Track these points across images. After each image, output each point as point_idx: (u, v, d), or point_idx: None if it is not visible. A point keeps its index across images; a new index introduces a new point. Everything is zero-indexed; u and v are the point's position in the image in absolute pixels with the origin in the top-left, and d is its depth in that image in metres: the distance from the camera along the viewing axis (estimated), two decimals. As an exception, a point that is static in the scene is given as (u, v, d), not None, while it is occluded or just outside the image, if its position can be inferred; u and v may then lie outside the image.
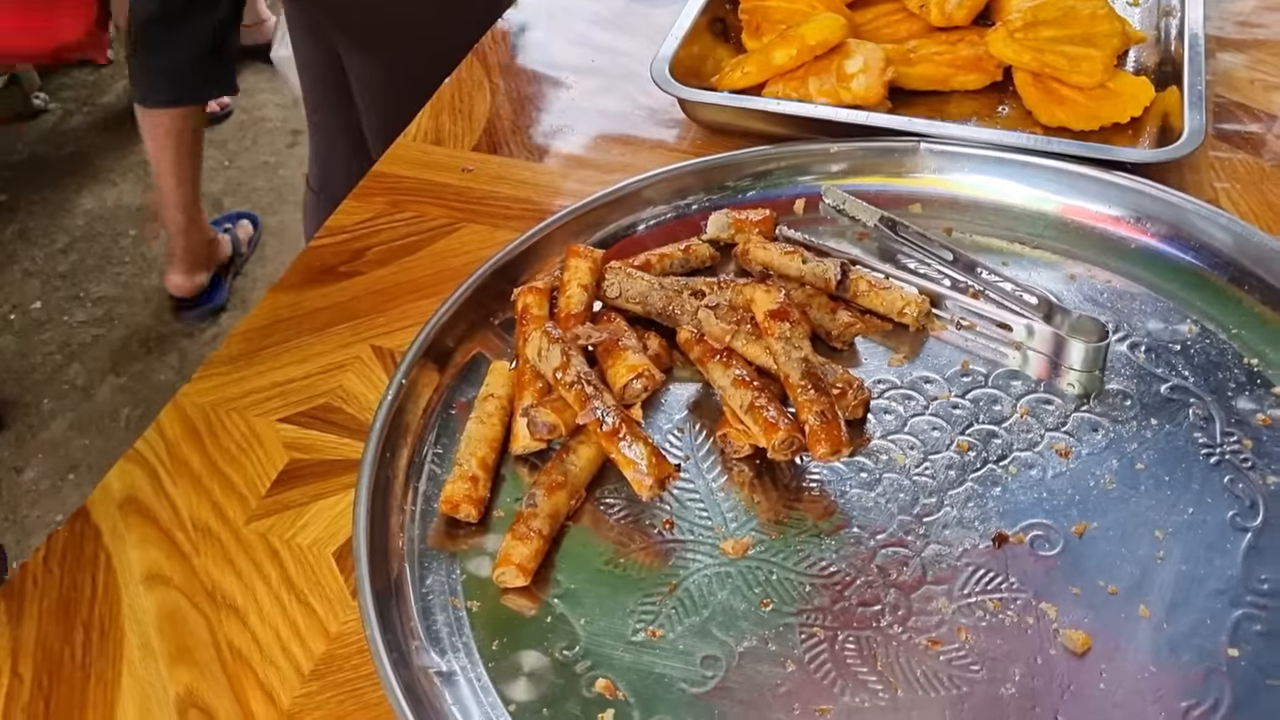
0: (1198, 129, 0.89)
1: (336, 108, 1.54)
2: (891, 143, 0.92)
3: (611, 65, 1.12)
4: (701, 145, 1.00)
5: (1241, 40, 1.09)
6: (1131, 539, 0.68)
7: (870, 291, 0.81)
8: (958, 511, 0.70)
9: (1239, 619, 0.63)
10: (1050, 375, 0.78)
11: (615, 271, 0.81)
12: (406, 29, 1.40)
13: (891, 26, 1.07)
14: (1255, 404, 0.74)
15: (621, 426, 0.69)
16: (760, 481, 0.73)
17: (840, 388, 0.74)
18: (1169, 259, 0.84)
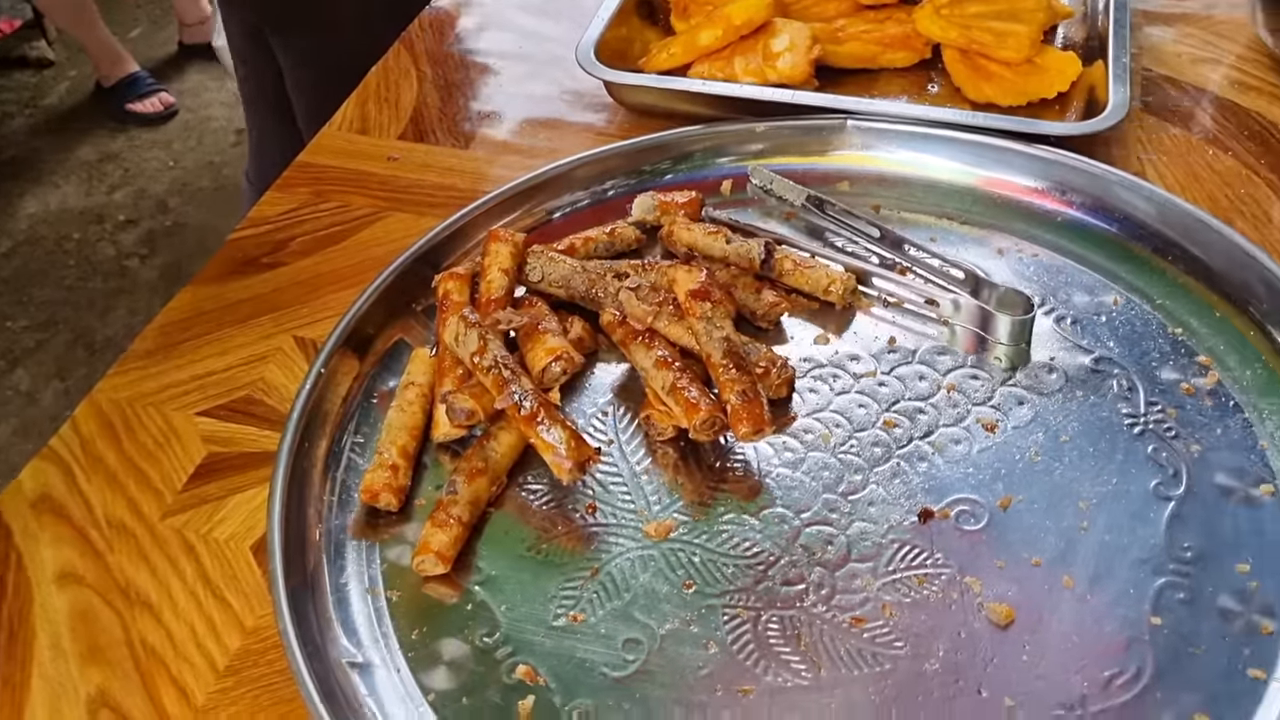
0: (1122, 102, 0.88)
1: (270, 100, 1.52)
2: (818, 120, 0.91)
3: (539, 50, 1.11)
4: (629, 128, 0.99)
5: (1169, 14, 1.09)
6: (1056, 511, 0.67)
7: (795, 270, 0.80)
8: (883, 489, 0.70)
9: (1161, 587, 0.63)
10: (977, 350, 0.77)
11: (537, 255, 0.80)
12: (333, 19, 1.38)
13: (820, 5, 1.07)
14: (1179, 373, 0.74)
15: (539, 410, 0.68)
16: (685, 463, 0.72)
17: (764, 366, 0.74)
18: (1094, 231, 0.83)
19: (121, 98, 3.11)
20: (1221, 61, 1.03)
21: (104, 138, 3.08)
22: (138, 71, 3.15)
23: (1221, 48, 1.04)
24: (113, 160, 3.01)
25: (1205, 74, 1.02)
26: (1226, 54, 1.03)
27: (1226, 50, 1.04)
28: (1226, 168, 0.91)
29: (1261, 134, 0.94)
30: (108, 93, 3.14)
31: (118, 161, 3.01)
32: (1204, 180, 0.90)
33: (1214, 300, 0.77)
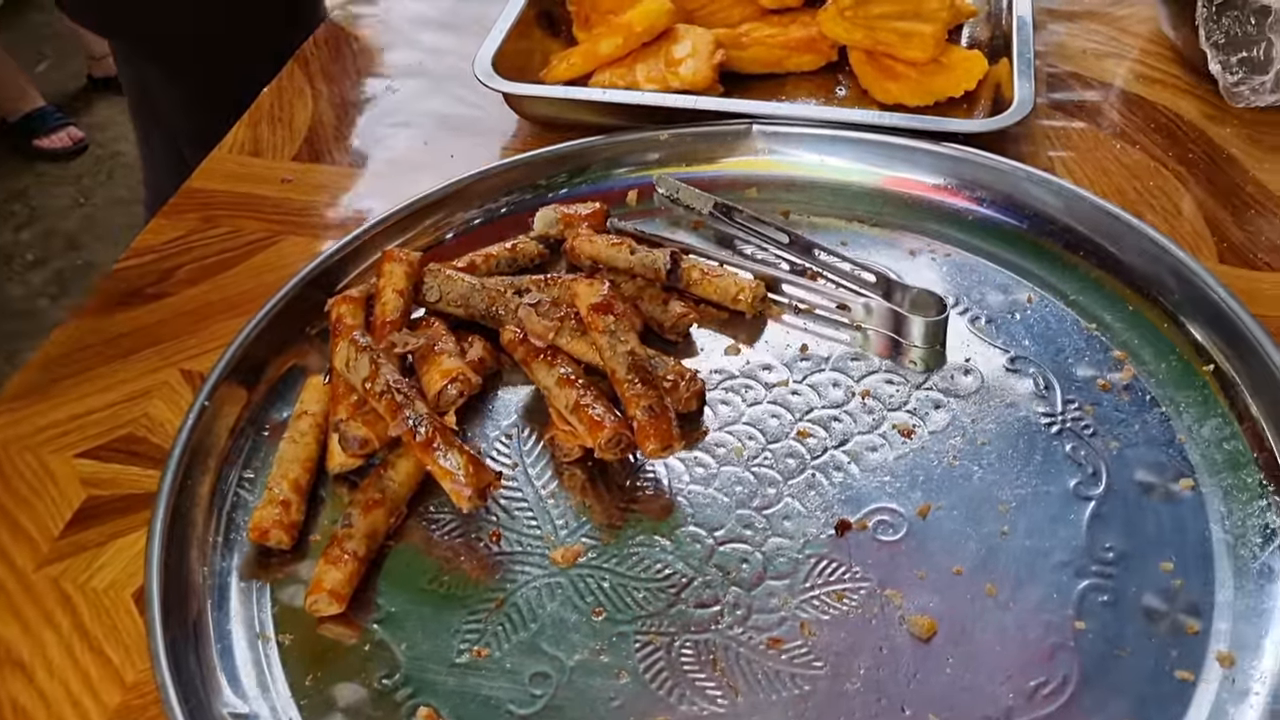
0: (1026, 98, 0.87)
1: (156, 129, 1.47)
2: (723, 126, 0.89)
3: (439, 65, 1.08)
4: (533, 141, 0.96)
5: (1072, 10, 1.09)
6: (976, 517, 0.65)
7: (703, 280, 0.78)
8: (799, 502, 0.67)
9: (1084, 590, 0.61)
10: (891, 353, 0.75)
11: (434, 274, 0.77)
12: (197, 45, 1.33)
13: (724, 11, 1.05)
14: (1095, 369, 0.72)
15: (435, 436, 0.64)
16: (593, 484, 0.69)
17: (672, 380, 0.71)
18: (1005, 228, 0.82)
19: (28, 133, 3.02)
20: (1126, 56, 1.02)
21: (9, 175, 2.98)
22: (45, 106, 3.06)
23: (1125, 42, 1.04)
24: (19, 198, 2.92)
25: (1110, 69, 1.01)
26: (1130, 48, 1.03)
27: (1130, 45, 1.03)
28: (1134, 161, 0.90)
29: (1168, 126, 0.93)
30: (13, 128, 3.04)
31: (25, 199, 2.91)
32: (1112, 174, 0.89)
33: (1127, 294, 0.76)
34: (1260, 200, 0.86)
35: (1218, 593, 0.60)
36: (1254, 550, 0.62)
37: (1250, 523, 0.63)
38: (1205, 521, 0.64)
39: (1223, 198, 0.86)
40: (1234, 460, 0.66)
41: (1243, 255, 0.82)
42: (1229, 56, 0.84)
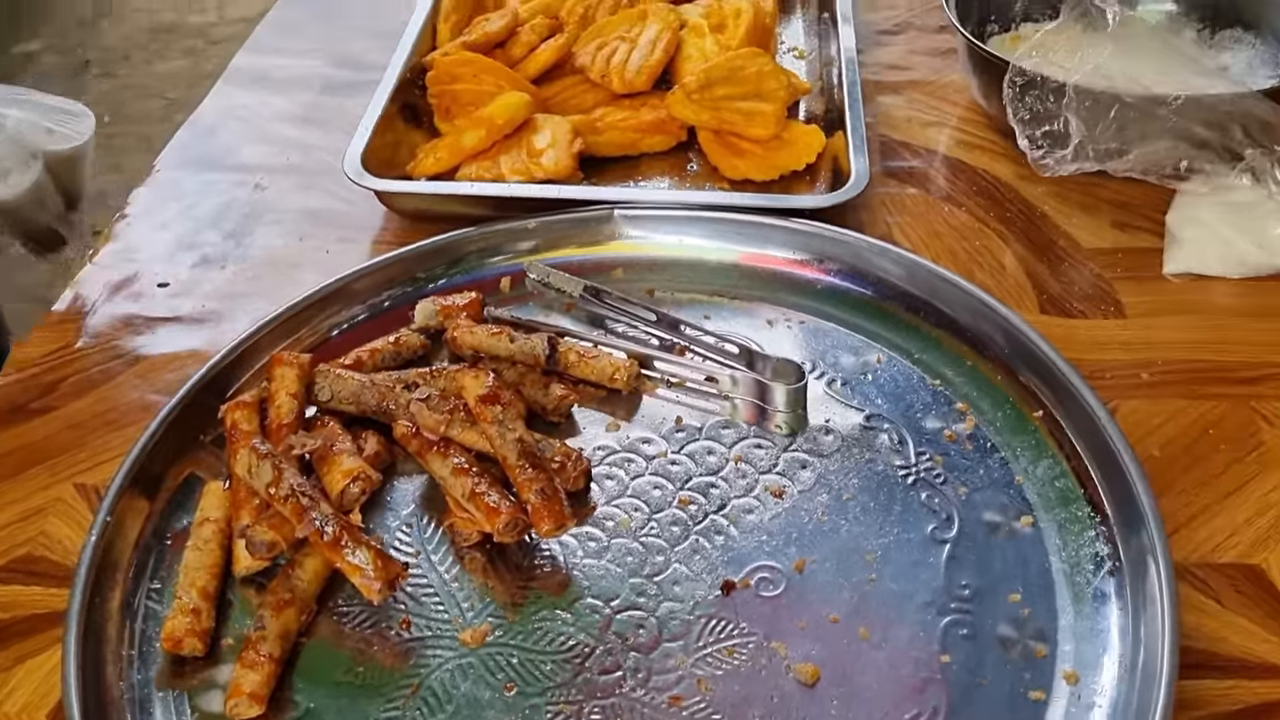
0: (863, 171, 0.95)
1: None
2: (586, 213, 0.94)
3: (307, 161, 1.11)
4: (406, 234, 1.00)
5: (897, 82, 1.18)
6: (846, 567, 0.72)
7: (580, 362, 0.83)
8: (686, 566, 0.72)
9: (946, 626, 0.68)
10: (758, 420, 0.81)
11: (324, 375, 0.80)
12: None
13: (578, 97, 1.11)
14: (942, 421, 0.80)
15: (342, 534, 0.68)
16: (493, 566, 0.73)
17: (559, 461, 0.76)
18: (852, 295, 0.89)
19: None
20: (946, 124, 1.12)
21: None
22: None
23: (946, 111, 1.14)
24: None
25: (934, 136, 1.10)
26: (951, 116, 1.13)
27: (950, 113, 1.13)
28: (961, 222, 0.99)
29: (988, 189, 1.03)
30: None
31: None
32: (943, 236, 0.98)
33: (963, 350, 0.84)
34: (1071, 253, 0.96)
35: (1060, 618, 0.68)
36: (1088, 576, 0.70)
37: (1083, 552, 0.71)
38: (1045, 554, 0.71)
39: (1039, 252, 0.96)
40: (1065, 496, 0.74)
41: (1060, 304, 0.91)
42: (1034, 131, 0.94)
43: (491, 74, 1.07)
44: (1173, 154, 0.92)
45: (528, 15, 1.17)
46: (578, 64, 1.12)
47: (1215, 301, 0.90)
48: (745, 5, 1.15)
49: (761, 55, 1.08)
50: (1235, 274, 0.91)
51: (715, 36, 1.13)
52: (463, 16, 1.18)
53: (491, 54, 1.12)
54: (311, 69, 1.25)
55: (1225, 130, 0.90)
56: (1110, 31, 0.92)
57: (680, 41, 1.13)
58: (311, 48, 1.29)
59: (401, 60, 1.11)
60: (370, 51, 1.23)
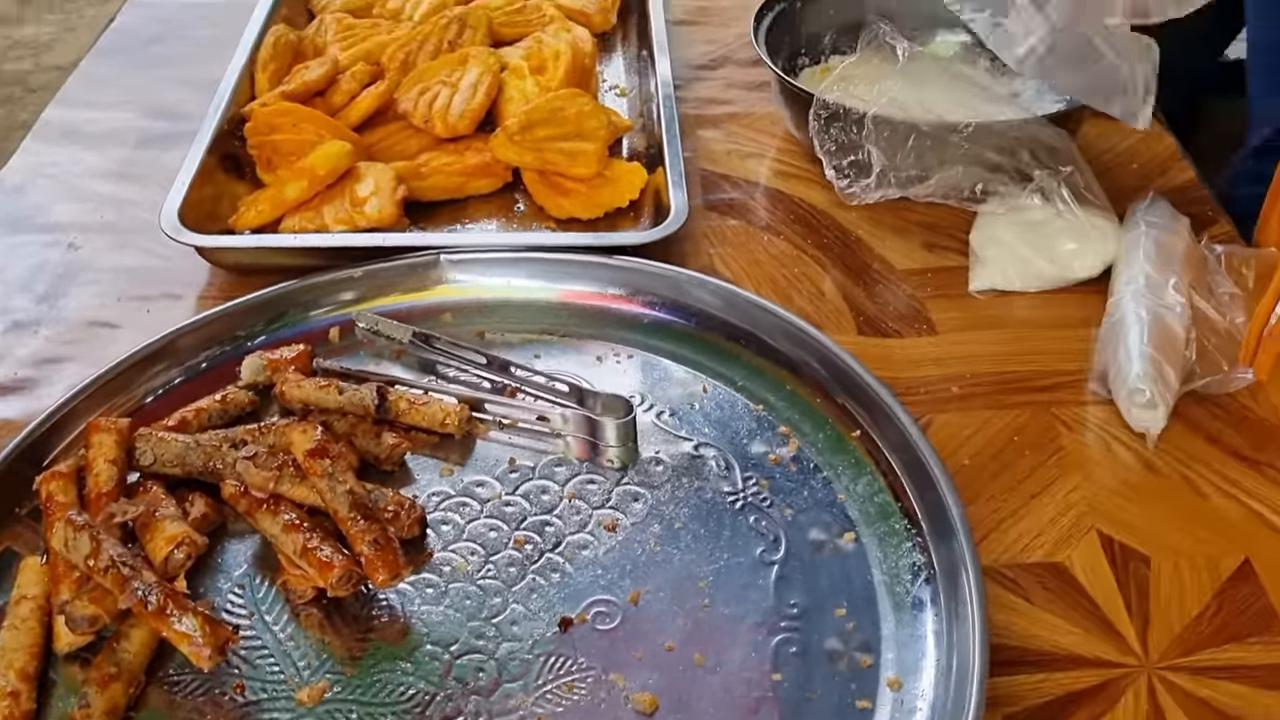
0: (682, 206, 0.98)
1: None
2: (412, 259, 0.95)
3: (123, 218, 1.08)
4: (230, 288, 0.98)
5: (715, 115, 1.22)
6: (680, 595, 0.74)
7: (411, 409, 0.83)
8: (523, 606, 0.73)
9: (777, 645, 0.71)
10: (590, 456, 0.83)
11: (145, 438, 0.78)
12: None
13: (402, 144, 1.11)
14: (766, 446, 0.83)
15: (167, 602, 0.67)
16: (330, 621, 0.73)
17: (393, 510, 0.76)
18: (675, 327, 0.92)
19: None
20: (765, 155, 1.16)
21: None
22: None
23: (763, 143, 1.18)
24: None
25: (753, 168, 1.14)
26: (768, 148, 1.17)
27: (768, 145, 1.17)
28: (780, 250, 1.03)
29: (805, 217, 1.07)
30: None
31: None
32: (763, 264, 1.01)
33: (783, 376, 0.87)
34: (885, 275, 1.00)
35: (883, 627, 0.71)
36: (906, 586, 0.73)
37: (901, 563, 0.74)
38: (867, 567, 0.75)
39: (855, 276, 1.00)
40: (884, 511, 0.77)
41: (876, 325, 0.95)
42: (840, 161, 0.98)
43: (312, 123, 1.06)
44: (969, 178, 0.98)
45: (348, 62, 1.17)
46: (400, 110, 1.13)
47: (1016, 315, 0.96)
48: (564, 46, 1.18)
49: (581, 95, 1.10)
50: (1033, 288, 0.97)
51: (536, 78, 1.15)
52: (281, 65, 1.18)
53: (312, 102, 1.12)
54: (126, 122, 1.22)
55: (1015, 154, 0.96)
56: (900, 66, 0.97)
57: (502, 84, 1.15)
58: (125, 100, 1.26)
59: (219, 111, 1.10)
60: (187, 102, 1.21)
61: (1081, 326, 0.93)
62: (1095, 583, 0.75)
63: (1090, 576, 0.76)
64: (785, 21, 1.18)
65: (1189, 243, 0.95)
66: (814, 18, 1.20)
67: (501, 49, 1.22)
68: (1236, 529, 0.78)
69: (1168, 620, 0.73)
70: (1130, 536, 0.78)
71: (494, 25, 1.25)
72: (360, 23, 1.26)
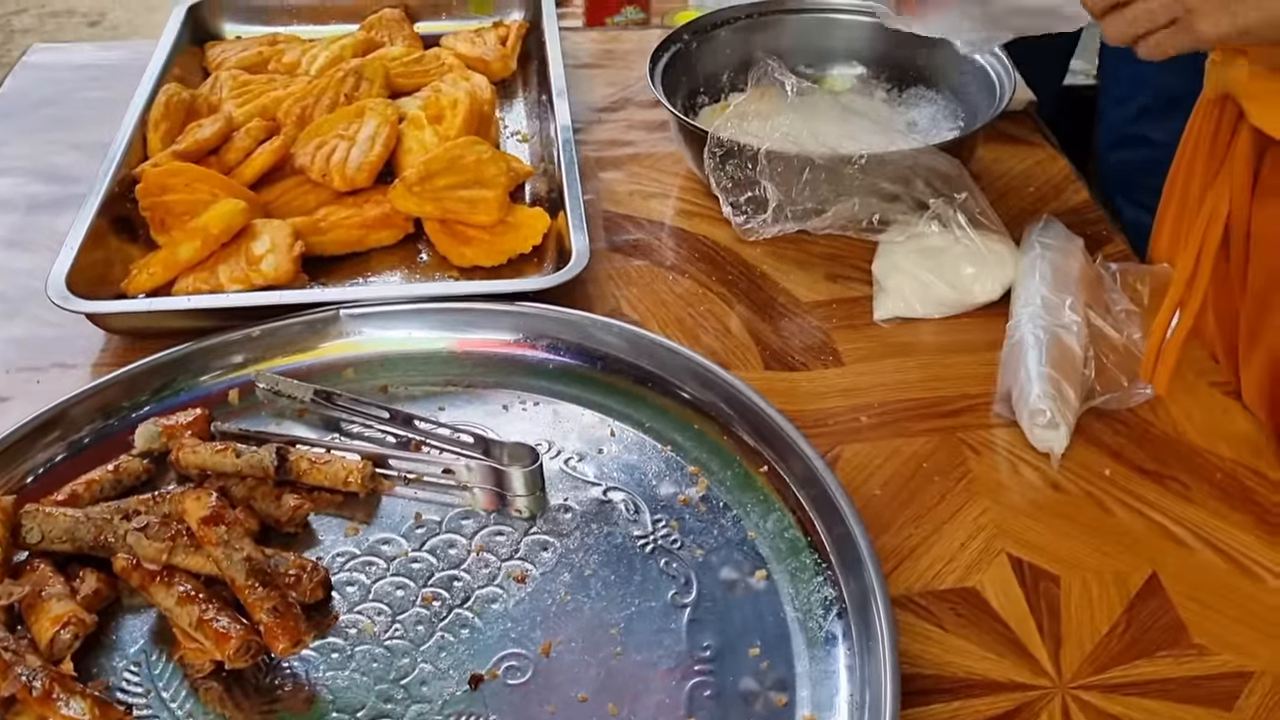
0: (583, 250, 0.98)
1: None
2: (311, 316, 0.93)
3: (12, 287, 1.05)
4: (127, 353, 0.96)
5: (618, 157, 1.22)
6: (592, 644, 0.72)
7: (312, 469, 0.81)
8: (432, 665, 0.72)
9: (691, 689, 0.70)
10: (498, 506, 0.82)
11: (31, 515, 0.76)
12: None
13: (301, 199, 1.10)
14: (675, 486, 0.82)
15: (53, 685, 0.64)
16: (231, 694, 0.70)
17: (294, 574, 0.74)
18: (580, 372, 0.91)
19: None
20: (668, 195, 1.16)
21: None
22: None
23: (666, 182, 1.18)
24: None
25: (656, 208, 1.14)
26: (671, 187, 1.17)
27: (671, 184, 1.18)
28: (686, 289, 1.03)
29: (709, 254, 1.07)
30: None
31: None
32: (669, 304, 1.01)
33: (690, 415, 0.87)
34: (790, 308, 1.01)
35: (797, 664, 0.70)
36: (819, 621, 0.72)
37: (813, 598, 0.74)
38: (780, 604, 0.74)
39: (761, 310, 1.00)
40: (794, 546, 0.77)
41: (783, 359, 0.95)
42: (738, 198, 0.99)
43: (205, 182, 1.05)
44: (866, 209, 0.99)
45: (243, 119, 1.16)
46: (298, 165, 1.11)
47: (921, 341, 0.97)
48: (462, 95, 1.17)
49: (480, 143, 1.10)
50: (936, 314, 0.98)
51: (434, 128, 1.14)
52: (174, 124, 1.16)
53: (206, 161, 1.10)
54: (15, 187, 1.19)
55: (909, 183, 0.97)
56: (790, 101, 0.98)
57: (400, 135, 1.14)
58: (14, 165, 1.23)
59: (109, 173, 1.08)
60: (78, 166, 1.19)
61: (985, 350, 0.94)
62: (1007, 605, 0.75)
63: (1002, 599, 0.76)
64: (682, 61, 1.19)
65: (1084, 262, 0.97)
66: (710, 57, 1.21)
67: (399, 99, 1.21)
68: (1142, 543, 0.79)
69: (1079, 639, 0.73)
70: (1039, 556, 0.78)
71: (391, 76, 1.24)
72: (256, 78, 1.25)
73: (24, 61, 1.44)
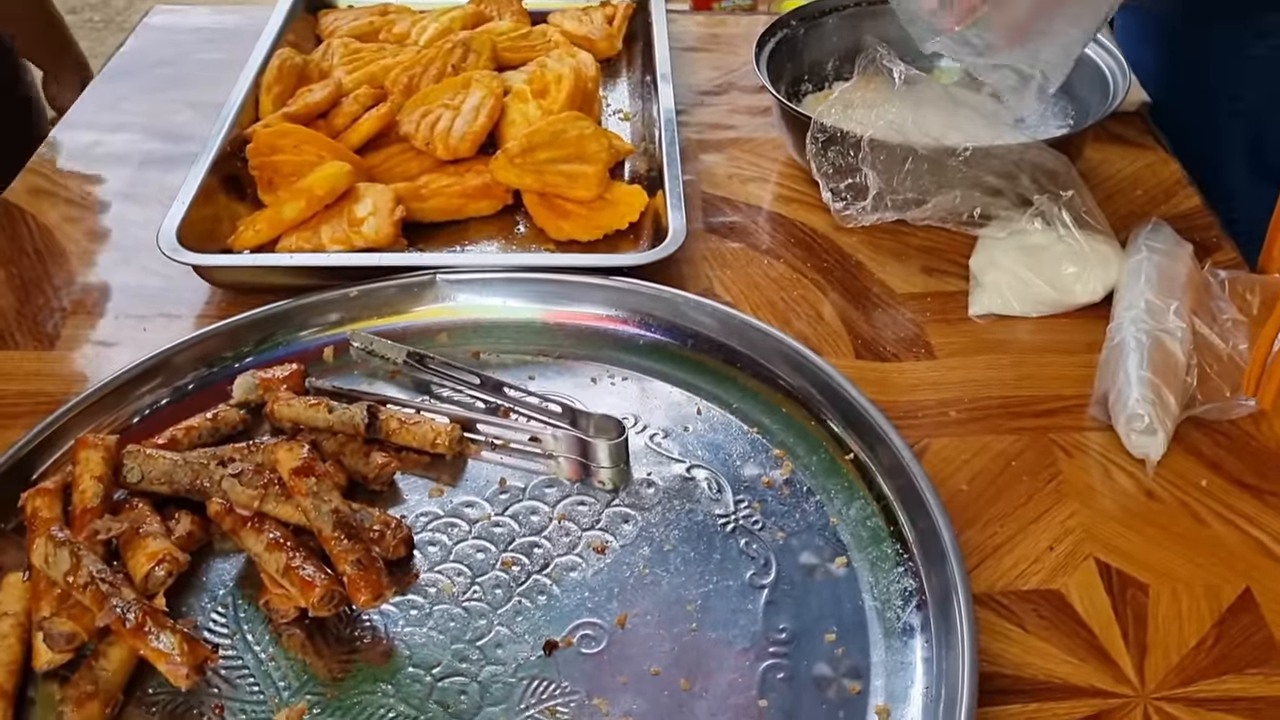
0: (680, 228, 0.98)
1: None
2: (408, 279, 0.94)
3: (125, 237, 1.09)
4: (228, 307, 0.98)
5: (719, 140, 1.22)
6: (667, 618, 0.72)
7: (401, 429, 0.83)
8: (508, 628, 0.72)
9: (765, 671, 0.69)
10: (582, 477, 0.82)
11: (133, 455, 0.78)
12: None
13: (403, 165, 1.11)
14: (759, 468, 0.82)
15: (145, 619, 0.66)
16: (312, 641, 0.72)
17: (379, 530, 0.75)
18: (671, 349, 0.91)
19: None
20: (767, 180, 1.16)
21: None
22: None
23: (765, 167, 1.17)
24: None
25: (755, 192, 1.14)
26: (770, 172, 1.17)
27: (770, 169, 1.17)
28: (780, 274, 1.02)
29: (805, 240, 1.06)
30: None
31: None
32: (763, 288, 1.01)
33: (779, 399, 0.86)
34: (884, 299, 0.99)
35: (872, 653, 0.70)
36: (897, 612, 0.72)
37: (893, 588, 0.73)
38: (858, 592, 0.73)
39: (854, 299, 0.99)
40: (876, 535, 0.76)
41: (874, 349, 0.94)
42: (838, 184, 0.98)
43: (312, 144, 1.07)
44: (968, 202, 0.97)
45: (352, 85, 1.18)
46: (402, 132, 1.13)
47: (1016, 339, 0.95)
48: (567, 71, 1.18)
49: (583, 119, 1.10)
50: (1034, 312, 0.96)
51: (538, 101, 1.15)
52: (286, 88, 1.18)
53: (314, 125, 1.12)
54: (131, 143, 1.23)
55: (1014, 179, 0.95)
56: (897, 89, 0.97)
57: (504, 107, 1.15)
58: (132, 121, 1.27)
59: (222, 132, 1.10)
60: (192, 124, 1.22)
61: (1082, 352, 0.92)
62: (1092, 611, 0.74)
63: (1087, 604, 0.74)
64: (788, 47, 1.18)
65: (1191, 268, 0.94)
66: (816, 44, 1.20)
67: (505, 73, 1.22)
68: (1237, 557, 0.77)
69: (1165, 649, 0.71)
70: (1128, 564, 0.76)
71: (498, 50, 1.25)
72: (366, 47, 1.27)
73: (145, 23, 1.48)
